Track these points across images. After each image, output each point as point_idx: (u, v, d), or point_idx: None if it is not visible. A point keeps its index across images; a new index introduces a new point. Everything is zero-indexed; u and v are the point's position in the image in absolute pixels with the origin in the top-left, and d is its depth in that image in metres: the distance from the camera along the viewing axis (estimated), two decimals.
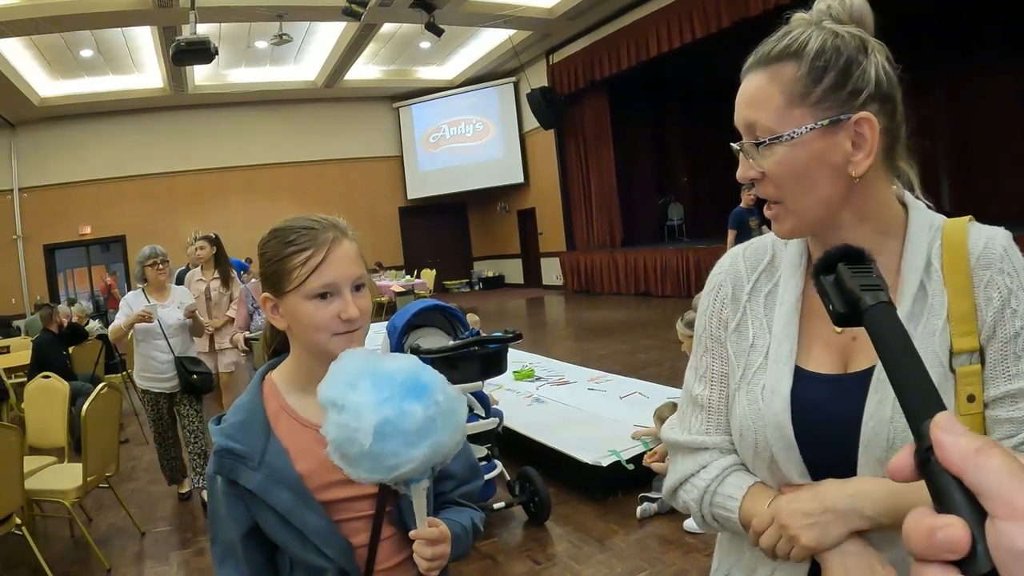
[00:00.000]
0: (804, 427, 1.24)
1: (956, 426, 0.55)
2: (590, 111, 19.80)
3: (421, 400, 1.30)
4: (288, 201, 21.85)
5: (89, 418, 4.96)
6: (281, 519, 1.48)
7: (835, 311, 0.82)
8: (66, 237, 20.60)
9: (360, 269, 1.59)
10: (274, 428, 1.56)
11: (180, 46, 13.16)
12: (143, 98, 19.66)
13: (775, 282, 1.37)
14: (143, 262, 5.89)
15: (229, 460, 1.51)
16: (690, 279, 15.88)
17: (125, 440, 8.11)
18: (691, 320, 4.98)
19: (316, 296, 1.53)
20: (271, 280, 1.59)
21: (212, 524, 1.60)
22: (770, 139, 1.21)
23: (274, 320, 1.63)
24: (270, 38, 16.35)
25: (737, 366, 1.35)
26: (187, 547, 5.31)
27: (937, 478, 0.53)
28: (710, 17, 14.38)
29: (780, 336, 1.31)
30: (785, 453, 1.24)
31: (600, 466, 5.17)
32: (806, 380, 1.27)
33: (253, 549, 1.54)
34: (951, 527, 0.49)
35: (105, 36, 15.57)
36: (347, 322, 1.53)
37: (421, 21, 15.34)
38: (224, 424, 1.59)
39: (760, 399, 1.28)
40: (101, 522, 5.92)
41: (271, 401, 1.61)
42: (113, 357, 9.58)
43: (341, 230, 1.60)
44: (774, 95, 1.22)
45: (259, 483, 1.48)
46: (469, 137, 23.54)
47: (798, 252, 1.36)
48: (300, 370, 1.62)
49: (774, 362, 1.29)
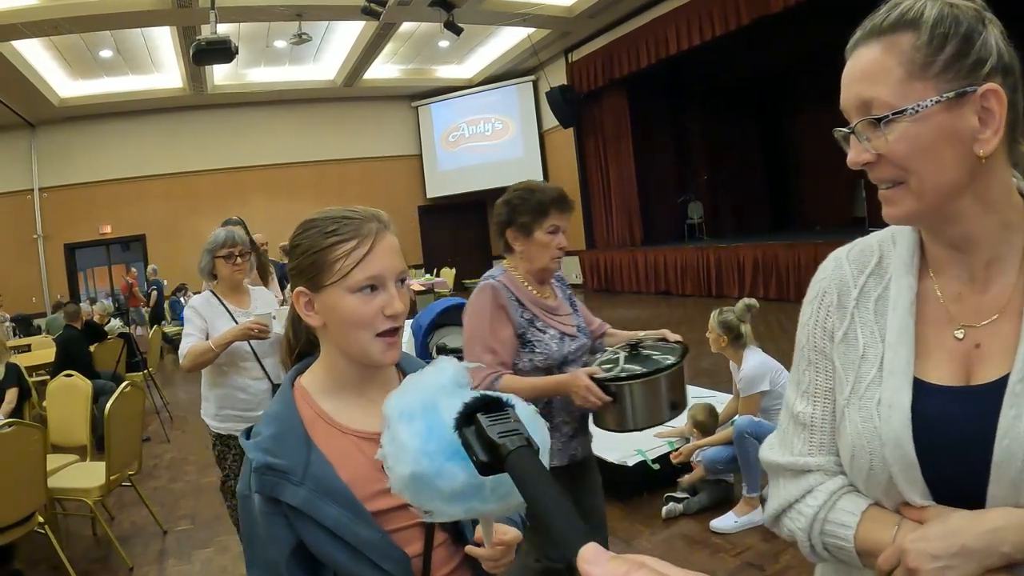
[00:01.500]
0: (927, 445, 1.13)
1: (601, 555, 0.58)
2: (609, 109, 19.73)
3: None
4: (307, 200, 21.85)
5: (112, 416, 4.97)
6: (331, 535, 1.38)
7: (478, 461, 0.86)
8: (86, 236, 20.69)
9: (403, 263, 1.52)
10: (313, 437, 1.45)
11: (201, 46, 13.18)
12: (163, 98, 19.69)
13: (885, 284, 1.27)
14: (214, 251, 4.23)
15: (270, 477, 1.39)
16: (710, 278, 15.82)
17: (147, 438, 8.13)
18: (726, 320, 4.95)
19: (360, 290, 1.44)
20: (307, 273, 1.49)
21: (249, 547, 1.47)
22: (892, 114, 1.11)
23: (308, 317, 1.51)
24: (289, 37, 16.36)
25: (846, 380, 1.25)
26: (209, 545, 5.32)
27: None
28: (729, 14, 14.30)
29: (895, 344, 1.20)
30: (906, 474, 1.14)
31: (626, 466, 5.15)
32: (927, 393, 1.16)
33: (298, 569, 1.41)
34: None
35: (124, 36, 15.60)
36: (391, 318, 1.45)
37: (440, 20, 15.30)
38: (259, 438, 1.46)
39: (876, 415, 1.18)
40: (123, 520, 5.93)
41: (305, 408, 1.50)
42: (135, 355, 9.61)
43: (383, 222, 1.52)
44: (892, 67, 1.12)
45: (304, 499, 1.37)
46: (488, 136, 23.50)
47: (909, 250, 1.26)
48: (333, 373, 1.53)
49: (890, 373, 1.19)
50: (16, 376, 6.94)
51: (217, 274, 4.26)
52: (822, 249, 13.12)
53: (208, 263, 4.25)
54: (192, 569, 4.97)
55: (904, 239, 1.27)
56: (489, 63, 21.64)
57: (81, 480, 5.12)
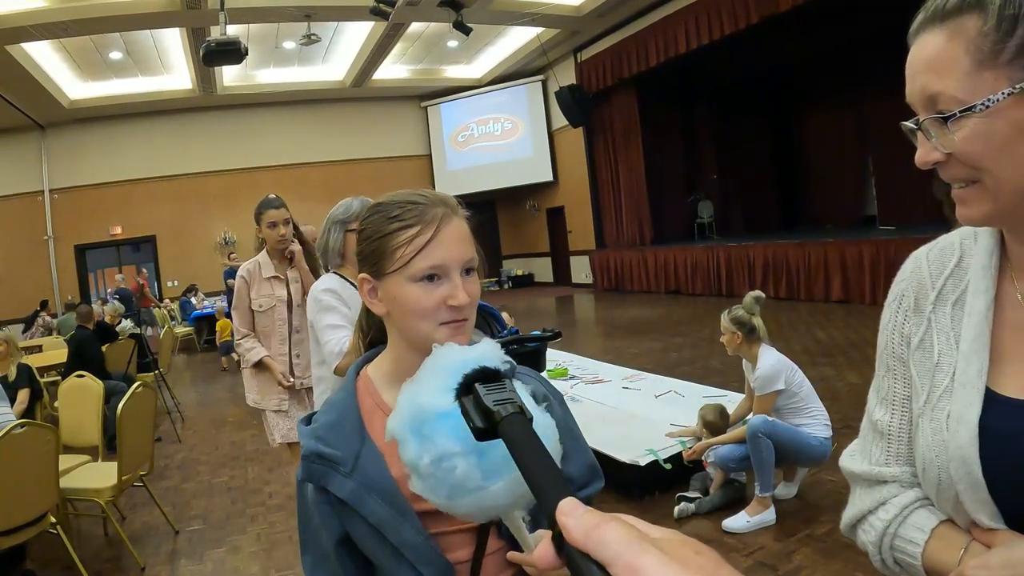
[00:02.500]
0: (996, 463, 1.05)
1: (577, 508, 0.60)
2: (619, 108, 19.75)
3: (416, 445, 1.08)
4: (317, 200, 21.79)
5: (124, 417, 4.97)
6: (375, 532, 1.33)
7: (475, 426, 0.89)
8: (97, 237, 20.78)
9: (472, 251, 1.42)
10: (369, 429, 1.39)
11: (211, 47, 13.20)
12: (172, 99, 19.77)
13: (963, 287, 1.18)
14: (348, 223, 3.44)
15: (319, 466, 1.36)
16: (720, 277, 15.82)
17: (158, 438, 8.13)
18: (737, 316, 4.92)
19: (422, 279, 1.35)
20: (370, 259, 1.42)
21: (303, 532, 1.46)
22: (960, 112, 1.00)
23: (372, 304, 1.45)
24: (298, 38, 16.38)
25: (921, 389, 1.18)
26: (221, 546, 5.30)
27: (572, 558, 0.59)
28: (739, 13, 14.29)
29: (968, 353, 1.11)
30: (972, 493, 1.06)
31: (638, 465, 5.12)
32: (1001, 406, 1.07)
33: (348, 558, 1.39)
34: None
35: (134, 38, 15.65)
36: (454, 309, 1.36)
37: (449, 20, 15.31)
38: (315, 424, 1.42)
39: (945, 428, 1.11)
40: (135, 520, 5.93)
41: (366, 398, 1.45)
42: (146, 356, 9.63)
43: (451, 206, 1.43)
44: (958, 56, 1.00)
45: (351, 492, 1.33)
46: (498, 136, 23.52)
47: (988, 249, 1.16)
48: (398, 363, 1.44)
49: (961, 385, 1.11)
50: (28, 377, 6.96)
51: (347, 254, 3.51)
52: (831, 248, 13.12)
53: (339, 239, 3.50)
54: (204, 569, 4.96)
55: (984, 237, 1.18)
56: (498, 63, 21.66)
57: (93, 480, 5.12)
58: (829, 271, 13.33)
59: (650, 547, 0.53)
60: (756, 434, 4.59)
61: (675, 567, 0.51)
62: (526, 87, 22.91)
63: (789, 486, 5.07)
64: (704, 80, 19.69)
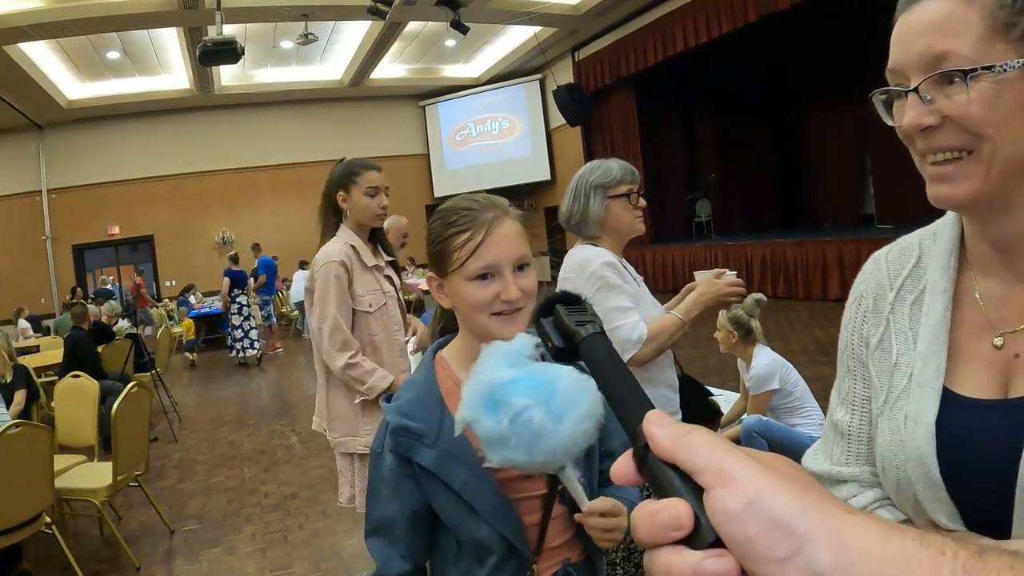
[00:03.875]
0: (954, 463, 1.04)
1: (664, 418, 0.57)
2: (617, 108, 19.71)
3: (492, 416, 1.27)
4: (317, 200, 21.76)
5: (119, 417, 4.97)
6: (456, 497, 1.50)
7: (553, 347, 0.86)
8: (95, 237, 20.77)
9: (523, 249, 1.59)
10: (449, 405, 1.55)
11: (207, 47, 13.19)
12: (170, 99, 19.74)
13: (922, 288, 1.16)
14: (609, 187, 3.00)
15: (405, 438, 1.52)
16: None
17: (154, 438, 8.15)
18: (736, 316, 4.92)
19: (476, 277, 1.55)
20: (435, 261, 1.63)
21: (372, 499, 1.64)
22: (981, 68, 0.94)
23: (440, 299, 1.67)
24: (296, 38, 16.35)
25: (880, 389, 1.17)
26: (217, 545, 5.31)
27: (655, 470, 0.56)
28: (737, 12, 14.27)
29: (926, 353, 1.10)
30: (930, 492, 1.06)
31: None
32: (956, 406, 1.07)
33: (413, 529, 1.57)
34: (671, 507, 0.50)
35: (131, 38, 15.63)
36: (507, 303, 1.54)
37: (446, 19, 15.28)
38: (399, 402, 1.60)
39: (903, 428, 1.10)
40: (131, 520, 5.94)
41: (444, 378, 1.63)
42: (142, 356, 9.62)
43: (503, 209, 1.61)
44: (973, 21, 0.95)
45: (435, 460, 1.50)
46: (495, 135, 23.48)
47: (946, 250, 1.15)
48: (468, 348, 1.63)
49: (918, 385, 1.10)
50: (24, 378, 6.97)
51: (607, 223, 3.01)
52: (830, 247, 13.12)
53: (601, 206, 2.98)
54: (200, 569, 4.97)
55: (944, 235, 1.17)
56: (496, 62, 21.63)
57: (88, 480, 5.12)
58: (827, 270, 13.34)
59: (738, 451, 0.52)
60: (751, 434, 4.59)
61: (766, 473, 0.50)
62: (524, 86, 22.87)
63: None
64: (703, 79, 19.68)
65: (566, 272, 3.02)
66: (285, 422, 8.89)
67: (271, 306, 16.08)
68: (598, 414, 1.31)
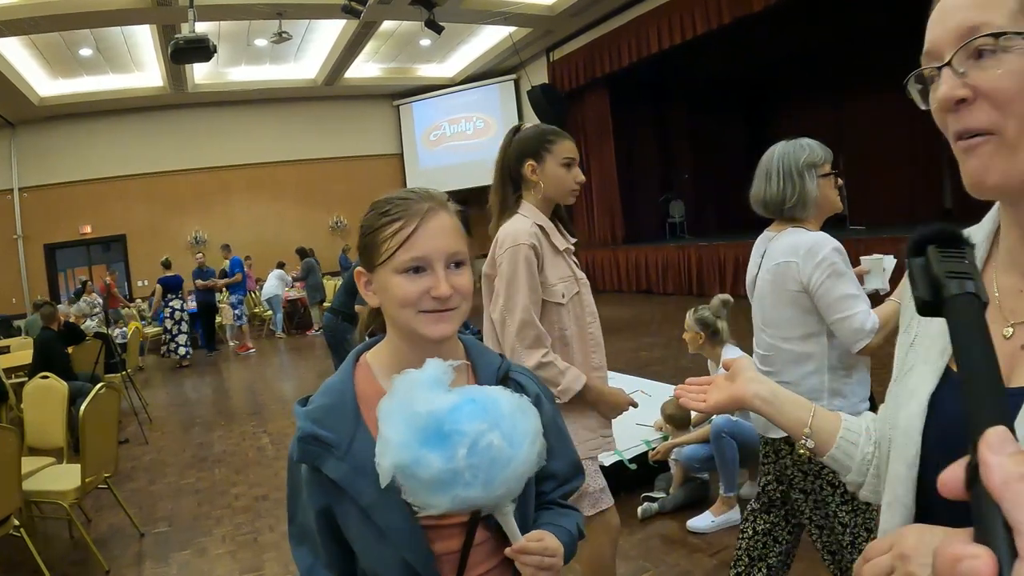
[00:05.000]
0: (938, 440, 1.04)
1: (1007, 444, 0.50)
2: (591, 108, 19.77)
3: (442, 451, 1.19)
4: (290, 200, 21.87)
5: (87, 418, 4.94)
6: (363, 514, 1.39)
7: (918, 297, 0.76)
8: (67, 236, 20.59)
9: (458, 245, 1.47)
10: (365, 415, 1.44)
11: (179, 44, 13.11)
12: (143, 97, 19.62)
13: None
14: (818, 166, 2.89)
15: (314, 447, 1.41)
16: (691, 276, 15.89)
17: (125, 440, 8.11)
18: (702, 317, 4.94)
19: (406, 270, 1.42)
20: (364, 253, 1.51)
21: (291, 504, 1.54)
22: (1015, 32, 0.91)
23: (367, 296, 1.53)
24: (270, 36, 16.28)
25: (896, 367, 1.19)
26: (187, 548, 5.29)
27: (980, 501, 0.50)
28: (712, 13, 14.33)
29: (936, 334, 1.10)
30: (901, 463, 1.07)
31: (602, 466, 5.13)
32: (954, 386, 1.05)
33: (330, 537, 1.46)
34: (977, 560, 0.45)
35: (104, 35, 15.53)
36: (437, 300, 1.42)
37: (421, 18, 15.26)
38: (311, 407, 1.48)
39: (900, 402, 1.12)
40: (100, 523, 5.91)
41: (364, 385, 1.50)
42: (113, 356, 9.55)
43: (440, 202, 1.49)
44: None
45: (344, 474, 1.39)
46: (470, 135, 23.48)
47: (980, 240, 1.12)
48: (394, 352, 1.52)
49: (923, 361, 1.11)
50: None
51: (813, 204, 2.92)
52: None
53: (815, 187, 2.90)
54: (170, 571, 4.95)
55: (984, 226, 1.14)
56: (471, 62, 21.63)
57: (57, 483, 5.09)
58: None
59: None
60: (720, 434, 4.62)
61: None
62: (498, 86, 22.88)
63: (755, 486, 5.10)
64: (678, 80, 19.76)
65: (786, 256, 2.84)
66: (256, 423, 8.86)
67: (244, 306, 15.99)
68: (542, 433, 1.27)
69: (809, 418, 1.35)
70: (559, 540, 1.44)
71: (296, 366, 13.72)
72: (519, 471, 1.23)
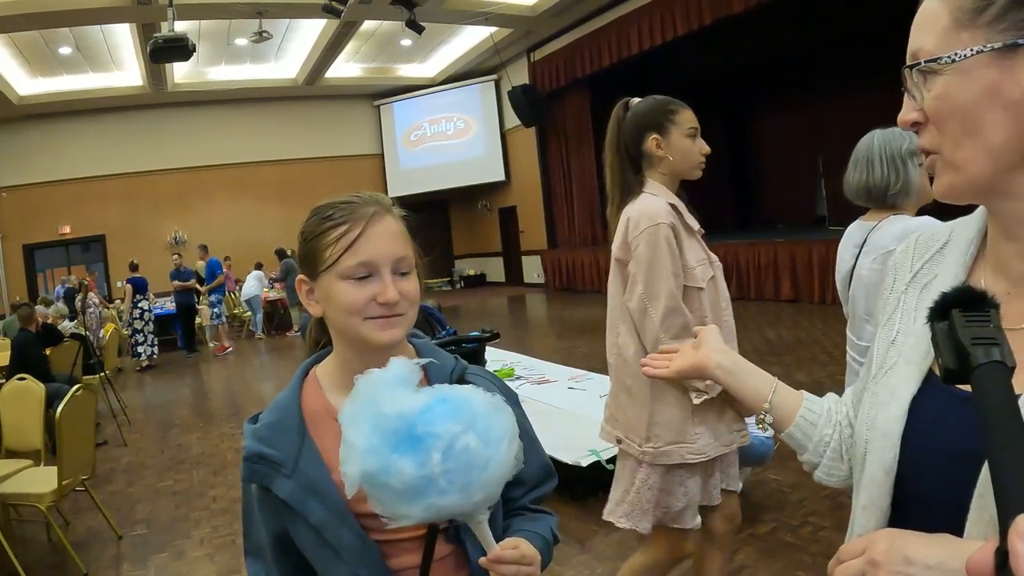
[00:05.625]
0: (917, 448, 1.02)
1: None
2: (571, 108, 19.83)
3: (414, 455, 1.13)
4: (271, 200, 21.78)
5: (64, 420, 4.91)
6: (315, 532, 1.35)
7: (943, 366, 0.73)
8: (46, 237, 20.50)
9: (405, 250, 1.41)
10: (312, 430, 1.40)
11: (157, 43, 13.06)
12: (123, 96, 19.56)
13: (936, 274, 1.14)
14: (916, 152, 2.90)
15: (261, 466, 1.37)
16: None
17: (103, 442, 8.07)
18: None
19: (351, 276, 1.36)
20: (306, 260, 1.43)
21: (245, 521, 1.49)
22: (926, 61, 0.95)
23: (309, 306, 1.45)
24: (250, 35, 16.27)
25: (875, 364, 1.16)
26: (165, 551, 5.26)
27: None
28: (692, 15, 14.40)
29: (920, 333, 1.07)
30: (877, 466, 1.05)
31: (580, 466, 5.14)
32: (937, 390, 1.03)
33: (284, 556, 1.42)
34: None
35: (84, 33, 15.47)
36: (384, 306, 1.36)
37: (402, 18, 15.25)
38: (258, 424, 1.44)
39: (880, 402, 1.09)
40: (78, 526, 5.87)
41: (312, 399, 1.45)
42: (91, 357, 9.50)
43: (385, 206, 1.43)
44: (941, 15, 0.95)
45: (292, 492, 1.35)
46: (450, 135, 23.51)
47: (967, 240, 1.12)
48: (341, 365, 1.45)
49: (906, 361, 1.08)
50: None
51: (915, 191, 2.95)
52: (782, 248, 13.25)
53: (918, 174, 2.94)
54: (147, 574, 4.92)
55: (971, 225, 1.13)
56: (451, 62, 21.66)
57: (34, 485, 5.05)
58: (779, 271, 13.49)
59: None
60: None
61: None
62: (479, 86, 22.92)
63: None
64: (658, 81, 19.63)
65: (890, 246, 2.72)
66: (235, 424, 8.82)
67: (222, 306, 15.88)
68: (518, 433, 1.24)
69: (770, 393, 1.35)
70: (534, 547, 1.37)
71: (276, 367, 13.67)
72: (498, 474, 1.19)
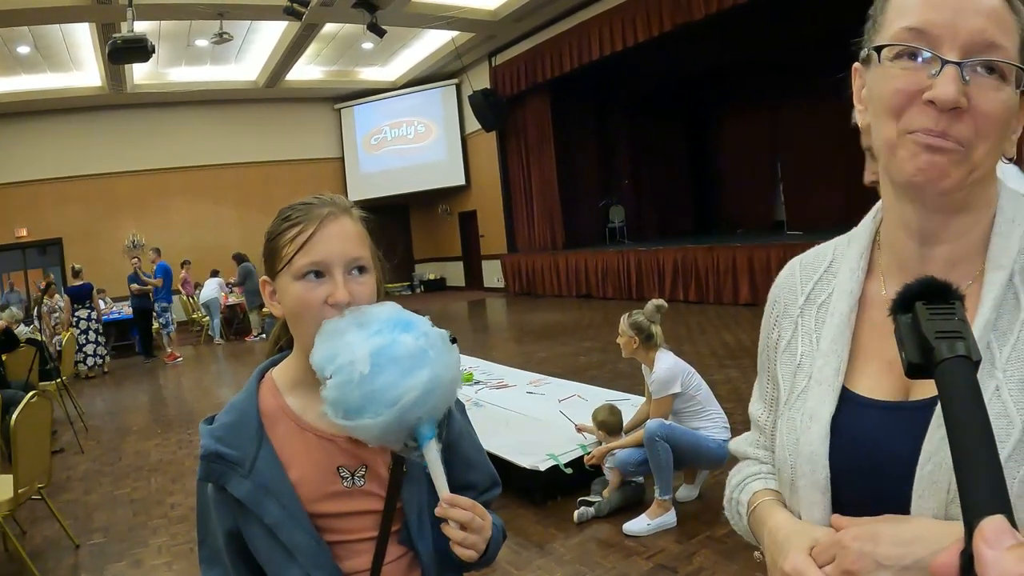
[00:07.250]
0: (845, 464, 1.03)
1: (1004, 537, 0.49)
2: (532, 113, 19.90)
3: (410, 332, 1.29)
4: (230, 203, 21.62)
5: (19, 428, 4.85)
6: (269, 533, 1.36)
7: (906, 360, 0.72)
8: (1, 240, 20.16)
9: (360, 251, 1.42)
10: (269, 431, 1.42)
11: (116, 44, 12.93)
12: (81, 97, 19.29)
13: (831, 291, 1.16)
14: None
15: (218, 465, 1.38)
16: (631, 281, 16.04)
17: (60, 449, 8.00)
18: (637, 321, 5.00)
19: (304, 275, 1.37)
20: (267, 260, 1.45)
21: (200, 527, 1.49)
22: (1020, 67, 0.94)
23: (271, 306, 1.47)
24: (211, 37, 16.14)
25: (783, 390, 1.18)
26: (122, 559, 5.23)
27: None
28: (652, 21, 14.52)
29: (827, 352, 1.10)
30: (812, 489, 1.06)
31: (538, 470, 5.17)
32: (854, 406, 1.06)
33: (240, 559, 1.41)
34: None
35: (43, 32, 15.27)
36: (335, 307, 1.35)
37: (363, 21, 15.25)
38: (215, 425, 1.46)
39: (798, 427, 1.10)
40: (35, 535, 5.81)
41: (269, 400, 1.47)
42: (47, 363, 9.39)
43: (343, 208, 1.44)
44: (1012, 29, 0.95)
45: (248, 492, 1.36)
46: (411, 139, 23.47)
47: (859, 251, 1.15)
48: (300, 366, 1.44)
49: (817, 382, 1.10)
50: None
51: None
52: (740, 253, 13.38)
53: None
54: None
55: (858, 240, 1.16)
56: (412, 66, 21.64)
57: None
58: (737, 275, 13.62)
59: None
60: (653, 438, 4.67)
61: None
62: (440, 90, 22.92)
63: (690, 488, 5.18)
64: (619, 86, 19.91)
65: None
66: (193, 431, 8.74)
67: (169, 313, 15.43)
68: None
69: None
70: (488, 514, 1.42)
71: (235, 372, 13.55)
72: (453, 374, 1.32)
